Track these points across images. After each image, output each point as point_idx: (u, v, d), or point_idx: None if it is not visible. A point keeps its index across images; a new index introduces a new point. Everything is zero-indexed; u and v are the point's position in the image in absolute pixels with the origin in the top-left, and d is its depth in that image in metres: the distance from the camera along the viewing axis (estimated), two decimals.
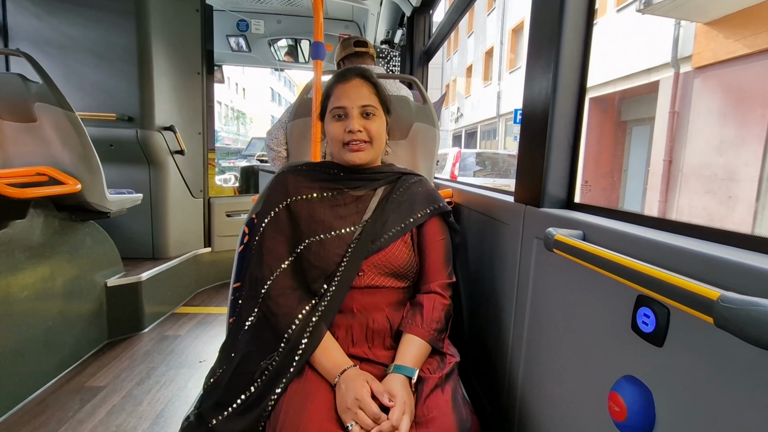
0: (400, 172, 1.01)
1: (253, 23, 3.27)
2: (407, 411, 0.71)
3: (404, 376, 0.77)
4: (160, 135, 2.36)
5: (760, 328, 0.32)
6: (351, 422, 0.69)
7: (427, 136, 1.49)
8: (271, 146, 1.59)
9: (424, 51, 2.61)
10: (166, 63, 2.38)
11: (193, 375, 1.73)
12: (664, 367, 0.50)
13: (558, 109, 0.81)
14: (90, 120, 2.12)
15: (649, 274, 0.46)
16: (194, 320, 2.31)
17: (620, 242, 0.59)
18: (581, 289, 0.68)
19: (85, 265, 1.86)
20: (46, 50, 2.19)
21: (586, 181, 8.41)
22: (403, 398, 0.72)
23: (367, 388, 0.72)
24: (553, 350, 0.77)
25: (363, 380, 0.73)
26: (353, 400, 0.70)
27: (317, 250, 0.88)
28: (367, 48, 1.84)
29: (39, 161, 1.64)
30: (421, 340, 0.83)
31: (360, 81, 0.93)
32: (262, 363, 0.82)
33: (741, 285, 0.41)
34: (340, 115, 0.91)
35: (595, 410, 0.63)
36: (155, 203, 2.47)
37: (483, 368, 1.15)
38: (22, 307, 1.52)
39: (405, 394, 0.73)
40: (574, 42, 0.79)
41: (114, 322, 2.01)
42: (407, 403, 0.72)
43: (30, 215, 1.57)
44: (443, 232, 0.97)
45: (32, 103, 1.60)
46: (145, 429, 1.38)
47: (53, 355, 1.66)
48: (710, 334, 0.44)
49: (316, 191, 0.95)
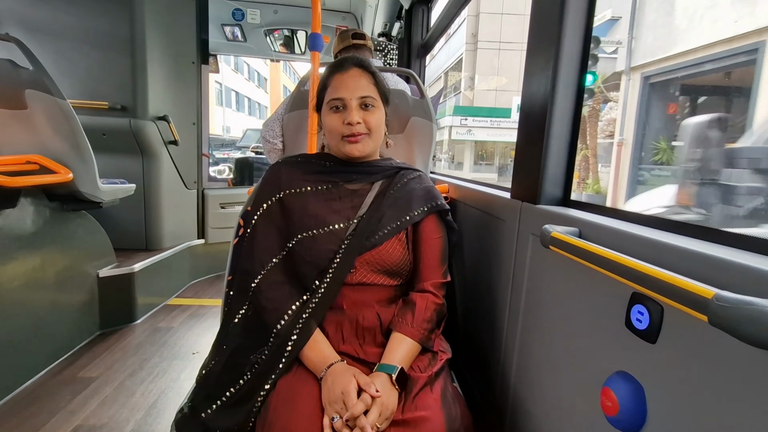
0: (398, 166, 0.99)
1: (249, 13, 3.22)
2: (383, 412, 0.70)
3: (387, 375, 0.76)
4: (153, 125, 2.33)
5: (755, 327, 0.33)
6: (335, 415, 0.69)
7: (423, 130, 1.49)
8: (267, 138, 1.57)
9: (421, 44, 2.60)
10: (160, 52, 2.35)
11: (186, 367, 1.73)
12: (656, 363, 0.51)
13: (557, 106, 0.81)
14: (82, 108, 2.09)
15: (644, 272, 0.47)
16: (187, 312, 2.30)
17: (616, 240, 0.59)
18: (576, 285, 0.69)
19: (77, 256, 1.84)
20: (37, 36, 2.14)
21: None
22: (380, 400, 0.71)
23: (354, 382, 0.72)
24: (547, 345, 0.78)
25: (350, 374, 0.73)
26: (338, 394, 0.70)
27: (309, 246, 0.86)
28: (365, 40, 1.82)
29: (29, 149, 1.61)
30: (410, 339, 0.82)
31: (358, 71, 0.89)
32: (251, 357, 0.81)
33: (735, 284, 0.41)
34: (337, 107, 0.88)
35: (587, 405, 0.64)
36: (148, 194, 2.44)
37: (476, 363, 1.16)
38: (13, 297, 1.50)
39: (384, 394, 0.72)
40: (573, 39, 0.79)
41: (106, 313, 2.00)
42: (384, 404, 0.71)
43: (21, 204, 1.55)
44: (440, 230, 0.95)
45: (22, 89, 1.57)
46: (137, 420, 1.38)
47: (44, 345, 1.65)
48: (703, 332, 0.44)
49: (310, 184, 0.93)
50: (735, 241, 0.49)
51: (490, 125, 20.44)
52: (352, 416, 0.67)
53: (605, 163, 11.68)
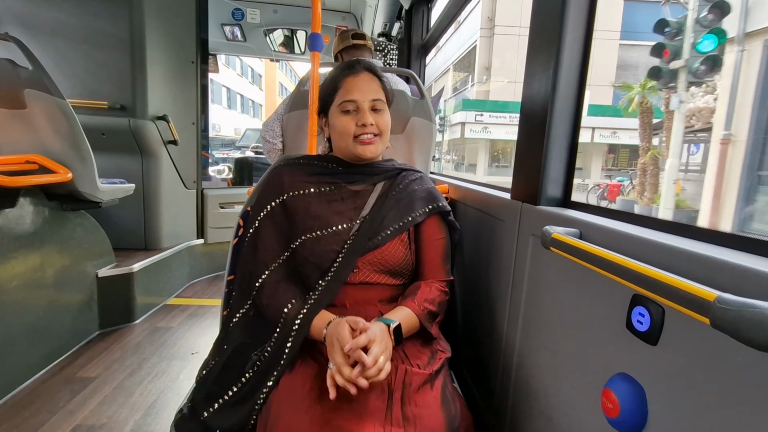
0: (400, 167, 1.00)
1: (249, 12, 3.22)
2: (385, 351, 0.72)
3: (384, 324, 0.78)
4: (152, 124, 2.33)
5: (757, 330, 0.33)
6: (330, 365, 0.71)
7: (423, 131, 1.49)
8: (266, 138, 1.57)
9: (421, 45, 2.59)
10: (160, 51, 2.34)
11: (185, 367, 1.72)
12: (657, 365, 0.51)
13: (557, 107, 0.81)
14: (81, 108, 2.08)
15: (645, 274, 0.47)
16: (186, 312, 2.30)
17: (617, 241, 0.59)
18: (577, 287, 0.68)
19: (76, 255, 1.84)
20: (36, 35, 2.14)
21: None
22: (380, 338, 0.72)
23: (347, 326, 0.74)
24: (548, 347, 0.78)
25: (343, 323, 0.76)
26: (335, 342, 0.73)
27: (312, 247, 0.88)
28: (366, 41, 1.82)
29: (29, 149, 1.61)
30: (410, 310, 0.84)
31: (369, 75, 0.92)
32: (253, 355, 0.82)
33: (736, 286, 0.41)
34: (350, 110, 0.90)
35: (588, 406, 0.64)
36: (147, 194, 2.44)
37: (476, 363, 1.16)
38: (12, 297, 1.50)
39: (381, 336, 0.73)
40: (574, 40, 0.79)
41: (105, 313, 2.00)
42: (384, 341, 0.73)
43: (20, 204, 1.54)
44: (442, 231, 0.97)
45: (22, 89, 1.56)
46: (137, 420, 1.38)
47: (43, 345, 1.65)
48: (704, 334, 0.44)
49: (313, 186, 0.94)
50: (737, 243, 0.49)
51: (509, 121, 17.38)
52: (350, 349, 0.69)
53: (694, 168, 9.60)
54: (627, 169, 17.75)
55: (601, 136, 17.08)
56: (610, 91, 15.63)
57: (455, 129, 19.11)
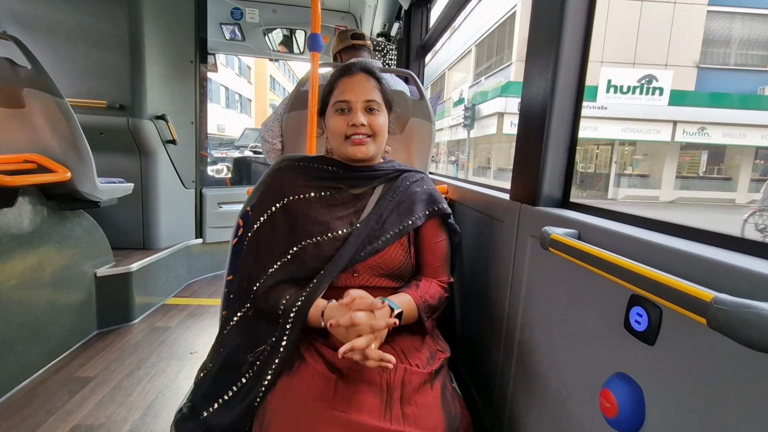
0: (400, 169, 0.99)
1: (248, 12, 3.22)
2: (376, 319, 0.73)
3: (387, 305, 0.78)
4: (151, 124, 2.33)
5: (753, 330, 0.33)
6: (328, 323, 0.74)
7: (422, 131, 1.49)
8: (266, 138, 1.57)
9: (421, 45, 2.60)
10: (159, 51, 2.34)
11: (184, 367, 1.72)
12: (655, 365, 0.51)
13: (556, 108, 0.81)
14: (80, 107, 2.08)
15: (642, 275, 0.47)
16: (185, 311, 2.30)
17: (615, 242, 0.60)
18: (575, 287, 0.69)
19: (75, 255, 1.84)
20: (35, 34, 2.13)
21: None
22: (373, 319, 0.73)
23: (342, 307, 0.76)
24: (546, 347, 0.78)
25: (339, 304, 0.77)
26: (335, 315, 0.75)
27: (313, 252, 0.87)
28: (365, 41, 1.82)
29: (27, 148, 1.60)
30: (410, 297, 0.84)
31: (365, 76, 0.92)
32: (249, 357, 0.81)
33: (733, 287, 0.42)
34: (343, 109, 0.90)
35: (586, 406, 0.64)
36: (146, 193, 2.44)
37: (475, 363, 1.16)
38: (10, 296, 1.49)
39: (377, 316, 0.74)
40: (573, 41, 0.79)
41: (103, 313, 1.99)
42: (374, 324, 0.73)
43: (18, 203, 1.54)
44: (441, 233, 0.96)
45: (20, 88, 1.56)
46: (135, 420, 1.38)
47: (41, 345, 1.64)
48: (701, 334, 0.45)
49: (314, 190, 0.93)
50: (734, 244, 0.50)
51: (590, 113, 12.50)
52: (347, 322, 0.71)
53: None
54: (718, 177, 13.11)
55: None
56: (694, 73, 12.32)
57: (488, 123, 14.57)
